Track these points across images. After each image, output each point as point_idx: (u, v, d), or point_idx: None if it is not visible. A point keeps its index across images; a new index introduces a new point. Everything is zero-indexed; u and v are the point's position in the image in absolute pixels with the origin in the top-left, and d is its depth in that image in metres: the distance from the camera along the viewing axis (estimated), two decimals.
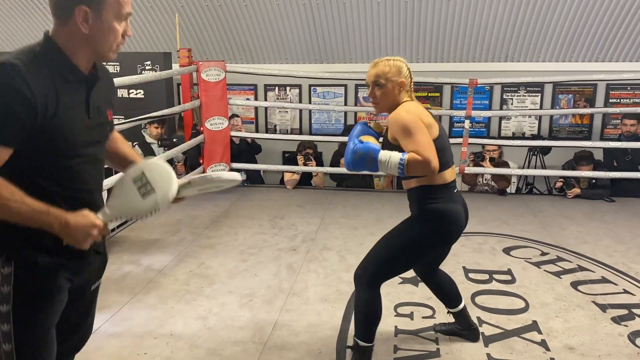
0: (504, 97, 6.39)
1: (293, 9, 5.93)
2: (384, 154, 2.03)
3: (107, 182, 2.80)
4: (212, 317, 2.92)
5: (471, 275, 3.47)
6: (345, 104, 6.63)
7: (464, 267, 3.57)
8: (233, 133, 5.69)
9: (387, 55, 2.33)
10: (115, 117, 6.83)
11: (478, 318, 2.87)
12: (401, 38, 6.05)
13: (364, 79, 2.35)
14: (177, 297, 3.16)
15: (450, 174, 2.21)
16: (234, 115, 5.89)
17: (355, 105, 6.60)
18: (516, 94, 6.36)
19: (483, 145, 5.65)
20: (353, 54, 6.31)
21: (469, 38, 6.00)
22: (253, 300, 3.11)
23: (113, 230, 4.15)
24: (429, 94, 6.43)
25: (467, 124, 5.49)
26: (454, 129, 6.47)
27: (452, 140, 5.77)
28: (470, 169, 5.49)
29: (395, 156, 2.00)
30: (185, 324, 2.85)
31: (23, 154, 1.30)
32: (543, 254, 3.86)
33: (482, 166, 5.52)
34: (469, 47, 6.11)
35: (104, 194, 1.91)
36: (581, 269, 3.59)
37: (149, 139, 5.47)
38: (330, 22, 6.00)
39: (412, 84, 2.26)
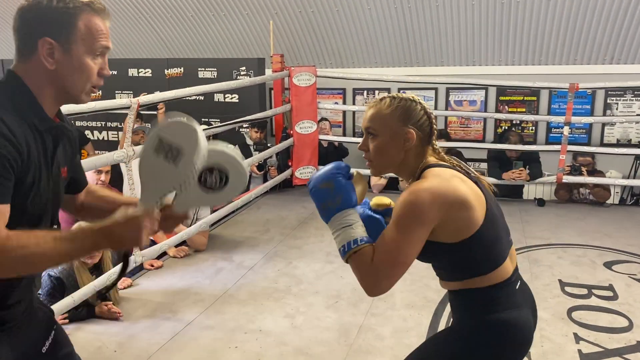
0: (608, 101, 5.98)
1: (385, 13, 5.92)
2: (345, 217, 1.37)
3: None
4: (300, 316, 2.98)
5: (568, 289, 3.29)
6: (436, 108, 6.49)
7: (559, 280, 3.39)
8: (321, 136, 5.79)
9: (480, 57, 1.19)
10: (212, 119, 7.00)
11: (575, 334, 2.72)
12: (496, 40, 5.85)
13: (456, 82, 1.59)
14: (266, 295, 3.26)
15: (508, 268, 1.41)
16: (322, 119, 5.99)
17: (446, 109, 6.45)
18: (622, 99, 5.94)
19: (575, 157, 5.31)
20: (445, 56, 6.18)
21: (569, 39, 5.68)
22: (339, 302, 3.15)
23: (211, 225, 4.35)
24: (525, 98, 6.16)
25: (566, 130, 5.20)
26: (551, 135, 6.14)
27: (549, 147, 5.55)
28: (569, 178, 5.18)
29: (350, 233, 1.37)
30: (274, 321, 2.94)
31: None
32: None
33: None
34: (569, 49, 5.78)
35: None
36: None
37: (248, 141, 5.75)
38: (422, 25, 5.92)
39: (433, 135, 1.46)
